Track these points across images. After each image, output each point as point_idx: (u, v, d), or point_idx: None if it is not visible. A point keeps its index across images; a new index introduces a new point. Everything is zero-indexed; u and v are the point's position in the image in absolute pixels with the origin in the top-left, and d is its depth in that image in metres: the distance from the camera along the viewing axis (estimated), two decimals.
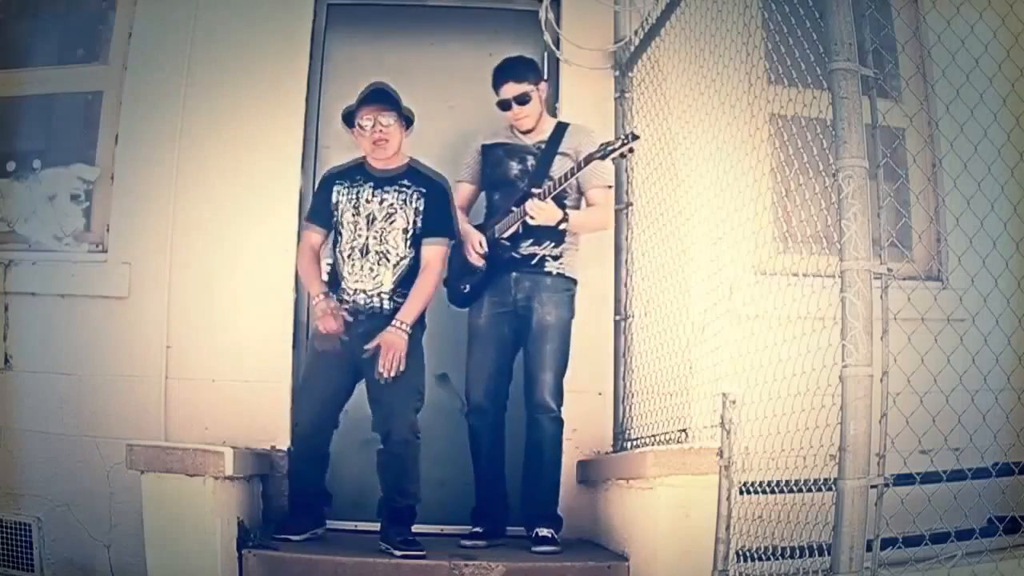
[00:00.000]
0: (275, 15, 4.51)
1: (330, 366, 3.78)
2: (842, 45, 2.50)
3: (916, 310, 2.83)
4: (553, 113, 4.52)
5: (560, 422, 4.05)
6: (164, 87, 4.39)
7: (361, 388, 3.83)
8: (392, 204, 3.81)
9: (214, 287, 4.30)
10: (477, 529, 3.97)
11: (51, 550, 4.11)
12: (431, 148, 4.34)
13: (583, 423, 4.31)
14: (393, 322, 3.69)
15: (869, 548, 2.41)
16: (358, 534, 4.08)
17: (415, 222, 3.80)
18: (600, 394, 4.34)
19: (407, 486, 3.72)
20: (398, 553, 3.54)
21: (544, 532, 3.83)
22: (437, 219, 3.83)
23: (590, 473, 4.17)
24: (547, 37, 4.35)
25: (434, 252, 3.81)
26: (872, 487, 2.40)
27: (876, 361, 2.43)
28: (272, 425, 4.18)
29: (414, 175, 3.87)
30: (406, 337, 3.67)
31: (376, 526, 3.79)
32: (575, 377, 4.31)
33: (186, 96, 4.40)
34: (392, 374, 3.63)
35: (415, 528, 3.72)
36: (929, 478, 2.89)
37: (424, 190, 3.83)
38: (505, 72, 4.05)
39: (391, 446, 3.70)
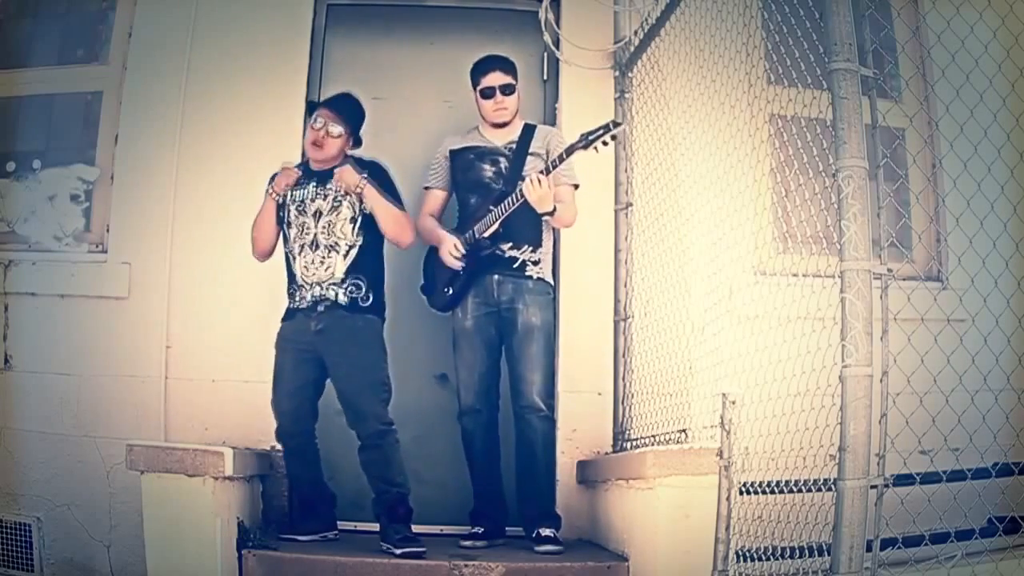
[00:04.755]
0: (275, 15, 4.51)
1: (293, 362, 3.85)
2: (842, 45, 2.50)
3: (916, 310, 2.83)
4: (553, 114, 4.53)
5: (552, 421, 4.06)
6: (164, 87, 4.40)
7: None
8: (336, 196, 3.86)
9: (214, 287, 4.30)
10: (477, 529, 3.97)
11: (51, 550, 4.11)
12: (431, 148, 4.33)
13: (583, 423, 4.31)
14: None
15: (869, 548, 2.41)
16: (358, 534, 4.08)
17: (360, 208, 3.85)
18: (600, 394, 4.34)
19: (393, 476, 3.73)
20: (398, 551, 3.54)
21: (546, 532, 3.83)
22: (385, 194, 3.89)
23: (590, 473, 4.17)
24: (547, 37, 4.35)
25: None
26: (872, 487, 2.39)
27: (876, 361, 2.43)
28: (272, 425, 4.17)
29: (352, 164, 3.93)
30: (359, 179, 3.78)
31: (377, 526, 3.79)
32: (574, 377, 4.32)
33: (186, 96, 4.40)
34: (346, 187, 3.78)
35: (415, 529, 3.71)
36: (929, 478, 2.89)
37: (364, 173, 3.88)
38: (492, 61, 4.09)
39: (366, 440, 3.75)
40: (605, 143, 3.77)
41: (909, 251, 4.40)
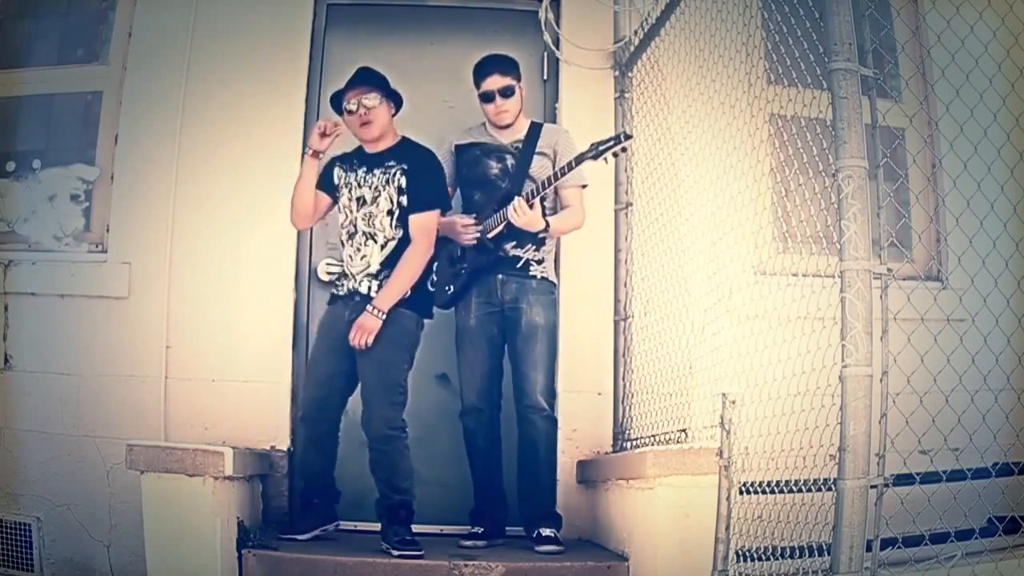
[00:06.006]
0: (275, 15, 4.51)
1: (329, 349, 3.81)
2: (842, 45, 2.50)
3: (916, 310, 2.82)
4: (553, 114, 4.53)
5: (554, 421, 4.06)
6: (164, 87, 4.40)
7: None
8: (377, 186, 3.80)
9: (214, 287, 4.30)
10: (477, 529, 3.97)
11: (51, 550, 4.11)
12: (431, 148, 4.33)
13: (583, 423, 4.32)
14: (367, 306, 3.70)
15: (869, 548, 2.41)
16: (359, 534, 4.08)
17: (399, 201, 3.78)
18: (600, 394, 4.34)
19: (397, 482, 3.71)
20: (396, 553, 3.54)
21: (547, 532, 3.83)
22: (422, 190, 3.78)
23: (590, 473, 4.17)
24: (547, 37, 4.35)
25: (420, 225, 3.74)
26: (872, 487, 2.39)
27: (876, 361, 2.43)
28: (272, 425, 4.19)
29: (400, 152, 3.85)
30: (379, 322, 3.67)
31: (377, 526, 3.79)
32: (575, 377, 4.33)
33: (186, 96, 4.40)
34: (360, 345, 3.67)
35: (415, 528, 3.71)
36: (929, 478, 2.89)
37: (405, 166, 3.80)
38: (491, 64, 4.06)
39: (372, 443, 3.73)
40: (616, 154, 3.76)
41: (909, 251, 4.40)
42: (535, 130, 4.09)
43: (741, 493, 2.98)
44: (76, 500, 4.12)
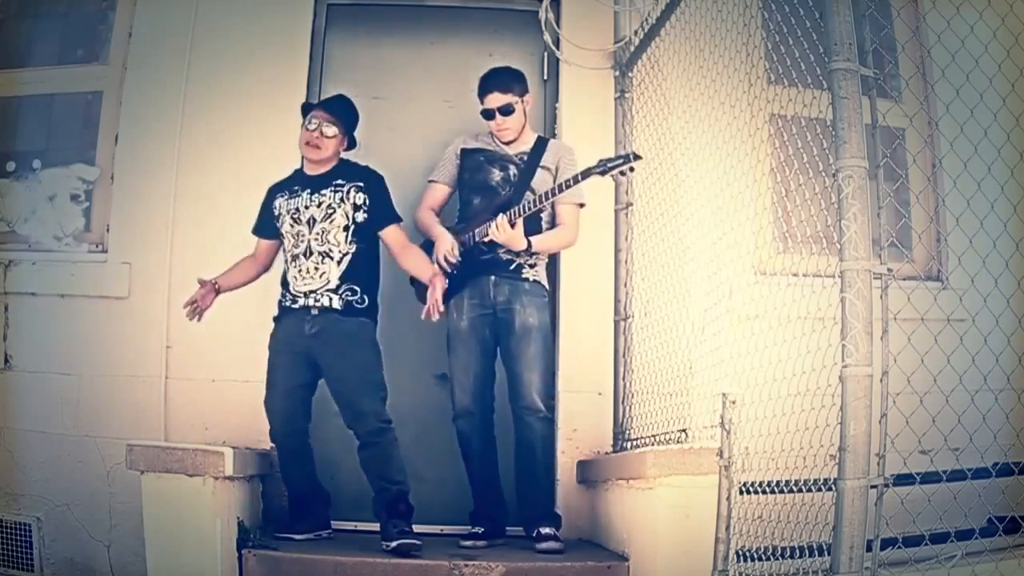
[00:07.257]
0: (275, 15, 4.51)
1: (287, 363, 3.85)
2: (842, 45, 2.50)
3: (916, 310, 2.83)
4: (554, 114, 4.53)
5: (550, 421, 4.06)
6: (164, 87, 4.40)
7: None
8: (330, 204, 3.86)
9: None
10: (477, 529, 3.97)
11: (51, 550, 4.11)
12: (431, 148, 4.34)
13: (583, 423, 4.31)
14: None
15: (869, 548, 2.41)
16: (358, 534, 4.08)
17: (354, 217, 3.85)
18: (600, 394, 4.34)
19: (392, 474, 3.74)
20: (393, 544, 3.53)
21: (547, 530, 3.83)
22: (384, 207, 3.91)
23: (590, 473, 4.17)
24: (547, 37, 4.35)
25: (397, 235, 3.94)
26: (872, 487, 2.40)
27: (876, 361, 2.43)
28: None
29: (345, 171, 3.94)
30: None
31: (376, 526, 3.79)
32: (575, 377, 4.32)
33: (186, 96, 4.40)
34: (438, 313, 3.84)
35: (416, 528, 3.70)
36: (929, 478, 2.89)
37: (361, 183, 3.89)
38: (491, 82, 4.06)
39: (365, 438, 3.76)
40: (623, 173, 3.77)
41: (909, 251, 4.40)
42: (541, 144, 4.11)
43: (741, 493, 2.98)
44: (76, 500, 4.12)
